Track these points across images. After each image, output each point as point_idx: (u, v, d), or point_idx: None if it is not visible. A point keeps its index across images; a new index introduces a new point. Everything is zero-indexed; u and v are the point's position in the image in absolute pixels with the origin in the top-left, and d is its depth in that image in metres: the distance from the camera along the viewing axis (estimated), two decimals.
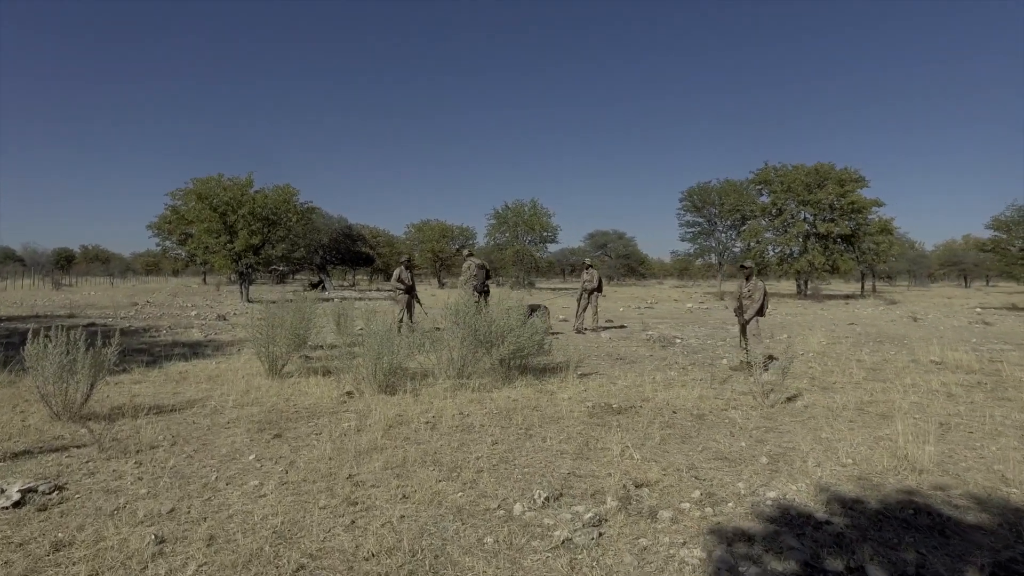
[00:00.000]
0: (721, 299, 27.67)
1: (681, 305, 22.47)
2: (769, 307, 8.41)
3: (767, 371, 6.41)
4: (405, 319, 10.22)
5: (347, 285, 46.86)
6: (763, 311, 8.13)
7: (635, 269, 61.29)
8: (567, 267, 65.13)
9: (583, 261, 13.15)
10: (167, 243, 42.59)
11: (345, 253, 38.16)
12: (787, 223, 29.35)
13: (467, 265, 10.91)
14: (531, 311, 8.88)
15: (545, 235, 40.37)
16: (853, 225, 27.43)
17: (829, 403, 5.74)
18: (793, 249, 28.77)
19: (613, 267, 56.32)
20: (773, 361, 7.40)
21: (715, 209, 35.23)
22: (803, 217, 29.28)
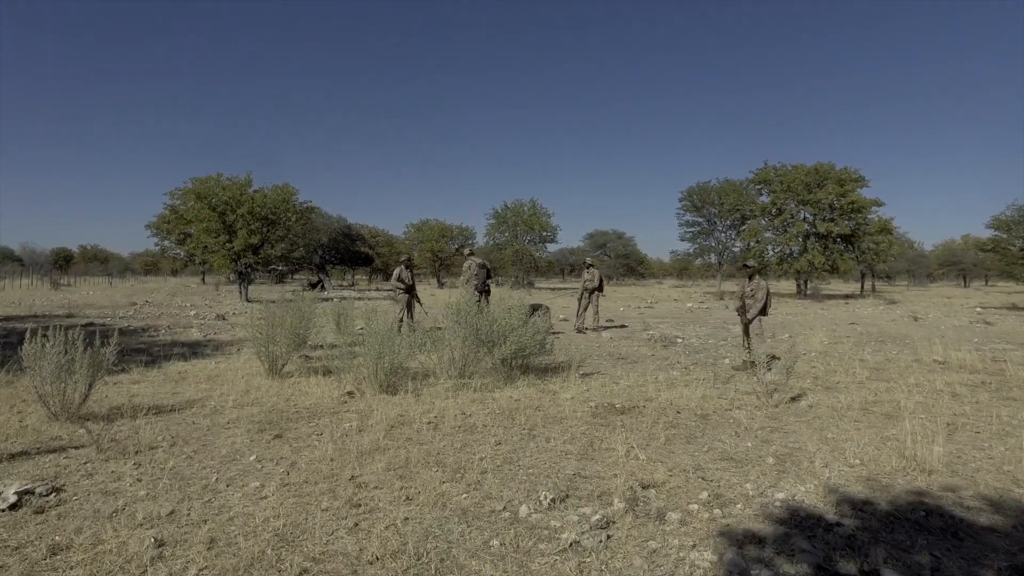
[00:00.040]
0: (721, 299, 27.63)
1: (681, 305, 22.44)
2: (772, 306, 8.36)
3: (770, 371, 6.37)
4: (405, 318, 10.16)
5: (346, 285, 46.80)
6: (766, 310, 8.08)
7: (634, 269, 61.30)
8: (566, 267, 65.10)
9: (584, 260, 13.09)
10: (166, 243, 42.55)
11: (344, 253, 38.09)
12: (787, 223, 29.35)
13: (468, 264, 10.85)
14: (533, 310, 8.83)
15: (544, 235, 40.35)
16: (853, 225, 27.42)
17: (833, 403, 5.70)
18: (793, 249, 28.76)
19: (612, 267, 56.31)
20: (776, 361, 7.35)
21: (715, 209, 35.20)
22: (803, 217, 29.28)
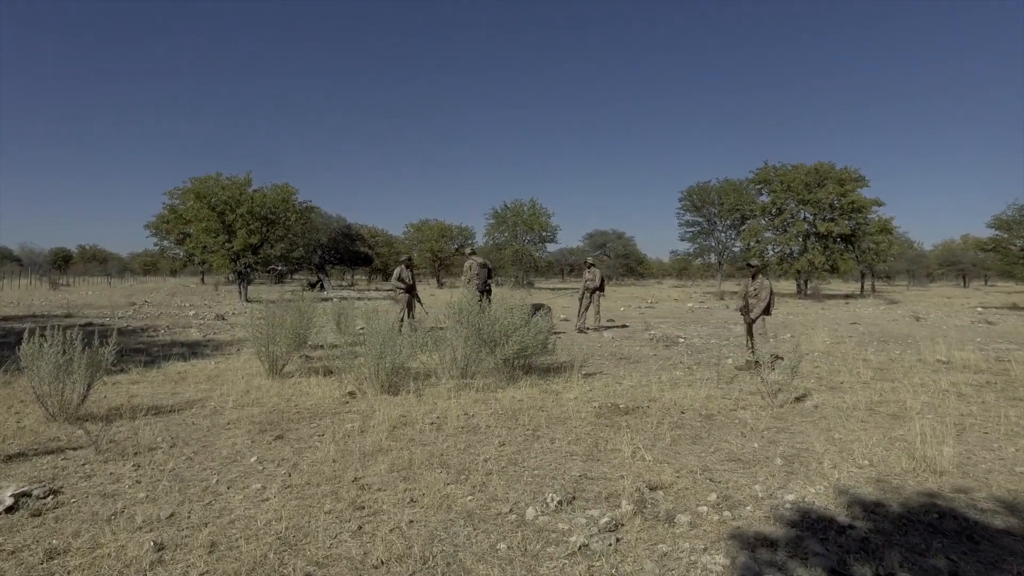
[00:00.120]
0: (721, 298, 27.60)
1: (682, 304, 22.39)
2: (774, 306, 8.32)
3: (774, 370, 6.33)
4: (406, 318, 10.10)
5: (346, 285, 46.74)
6: (769, 310, 8.04)
7: (634, 269, 61.25)
8: (566, 267, 65.06)
9: (585, 260, 13.03)
10: (165, 243, 42.46)
11: (344, 253, 38.03)
12: (787, 223, 29.31)
13: (469, 264, 10.79)
14: (535, 310, 8.78)
15: (544, 235, 40.31)
16: (853, 225, 27.39)
17: (839, 403, 5.65)
18: (793, 249, 28.72)
19: (612, 267, 56.26)
20: (779, 360, 7.31)
21: (715, 209, 35.15)
22: (803, 216, 29.24)
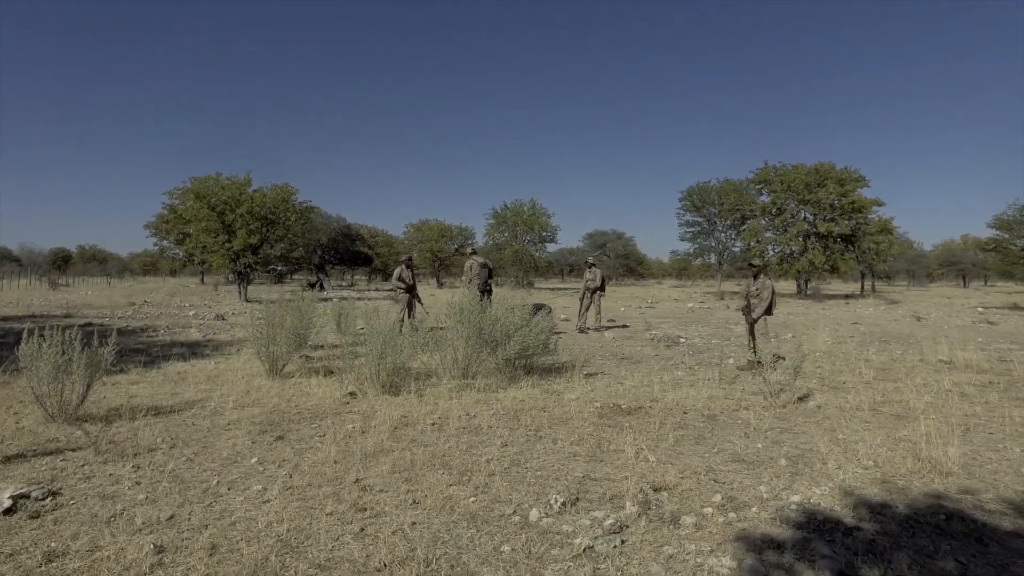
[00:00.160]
0: (721, 299, 27.58)
1: (682, 305, 22.37)
2: (776, 306, 8.29)
3: (775, 371, 6.30)
4: (406, 318, 10.07)
5: (345, 285, 46.70)
6: (771, 310, 8.01)
7: (634, 269, 61.23)
8: (566, 267, 65.03)
9: (586, 260, 12.99)
10: (165, 243, 42.41)
11: (344, 253, 38.01)
12: (787, 223, 29.29)
13: (469, 264, 10.76)
14: (536, 310, 8.75)
15: (544, 235, 40.27)
16: (853, 225, 27.37)
17: (842, 403, 5.63)
18: (793, 249, 28.70)
19: (612, 267, 56.25)
20: (781, 360, 7.28)
21: (715, 209, 35.12)
22: (803, 216, 29.22)
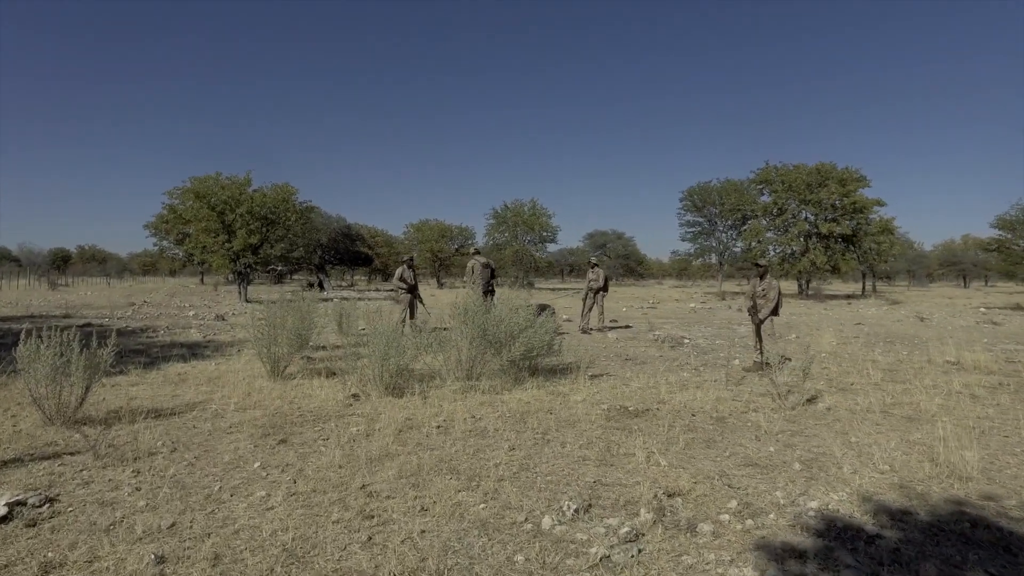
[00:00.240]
0: (723, 299, 27.51)
1: (684, 305, 22.30)
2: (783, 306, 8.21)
3: (782, 372, 6.22)
4: (407, 319, 9.98)
5: (345, 285, 46.59)
6: (777, 310, 7.93)
7: (634, 269, 61.17)
8: (566, 267, 64.95)
9: (589, 260, 12.91)
10: (164, 243, 42.32)
11: (344, 253, 37.91)
12: (788, 223, 29.22)
13: (471, 264, 10.67)
14: (540, 310, 8.67)
15: (544, 235, 40.20)
16: (854, 225, 27.30)
17: (851, 405, 5.55)
18: (794, 249, 28.63)
19: (612, 267, 56.18)
20: (787, 362, 7.20)
21: (716, 209, 35.08)
22: (804, 217, 29.14)
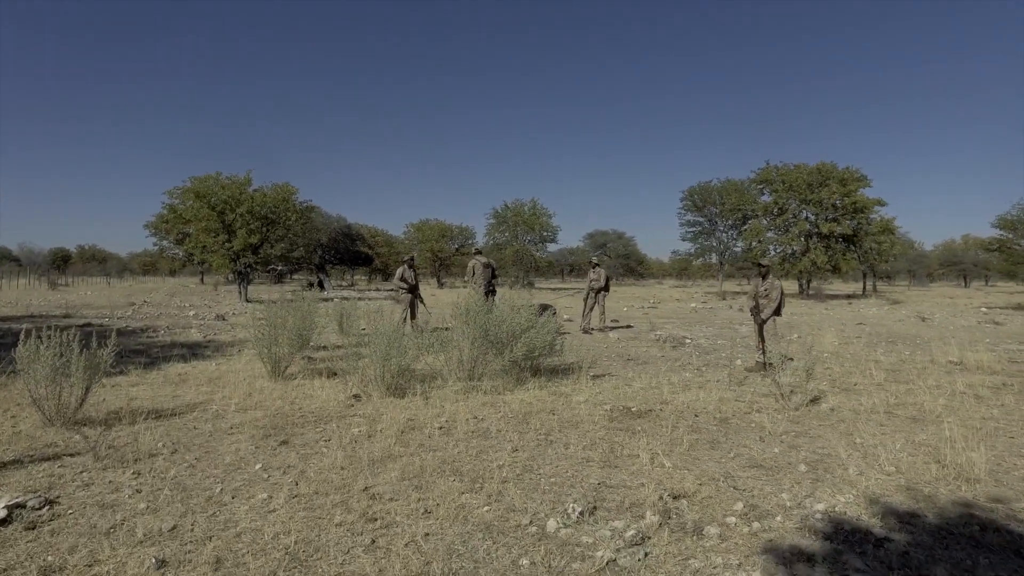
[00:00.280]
0: (723, 299, 27.47)
1: (684, 305, 22.27)
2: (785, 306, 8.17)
3: (785, 372, 6.19)
4: (408, 320, 9.95)
5: (346, 285, 46.55)
6: (780, 311, 7.90)
7: (634, 269, 61.12)
8: (566, 267, 64.90)
9: (590, 260, 12.87)
10: (164, 243, 42.31)
11: (344, 253, 37.86)
12: (789, 223, 29.18)
13: (472, 264, 10.63)
14: (542, 310, 8.65)
15: (545, 235, 40.17)
16: (855, 225, 27.26)
17: (855, 406, 5.52)
18: (795, 249, 28.59)
19: (612, 267, 56.14)
20: (789, 362, 7.17)
21: (716, 209, 35.04)
22: (805, 216, 29.10)
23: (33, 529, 2.71)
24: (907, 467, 3.74)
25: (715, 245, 35.83)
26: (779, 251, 29.16)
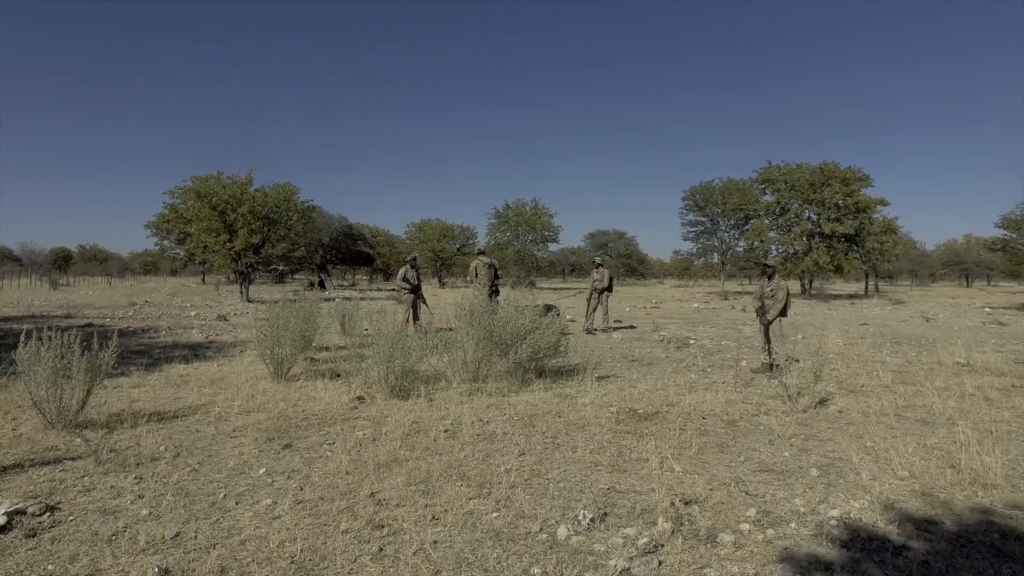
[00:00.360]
0: (725, 299, 27.40)
1: (687, 305, 22.20)
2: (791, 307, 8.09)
3: (791, 373, 6.12)
4: (411, 321, 9.88)
5: (347, 285, 46.52)
6: (786, 311, 7.83)
7: (635, 269, 61.02)
8: (567, 267, 64.81)
9: (593, 260, 12.82)
10: (165, 242, 42.32)
11: (345, 252, 37.81)
12: (791, 222, 29.08)
13: (475, 264, 10.57)
14: (546, 311, 8.58)
15: (546, 234, 40.12)
16: (857, 225, 27.15)
17: (864, 408, 5.46)
18: (797, 248, 28.50)
19: (613, 266, 55.99)
20: (795, 363, 7.10)
21: (718, 208, 34.93)
22: (807, 216, 29.00)
23: (33, 536, 2.65)
24: (921, 471, 3.68)
25: (717, 245, 35.73)
26: (781, 251, 29.07)
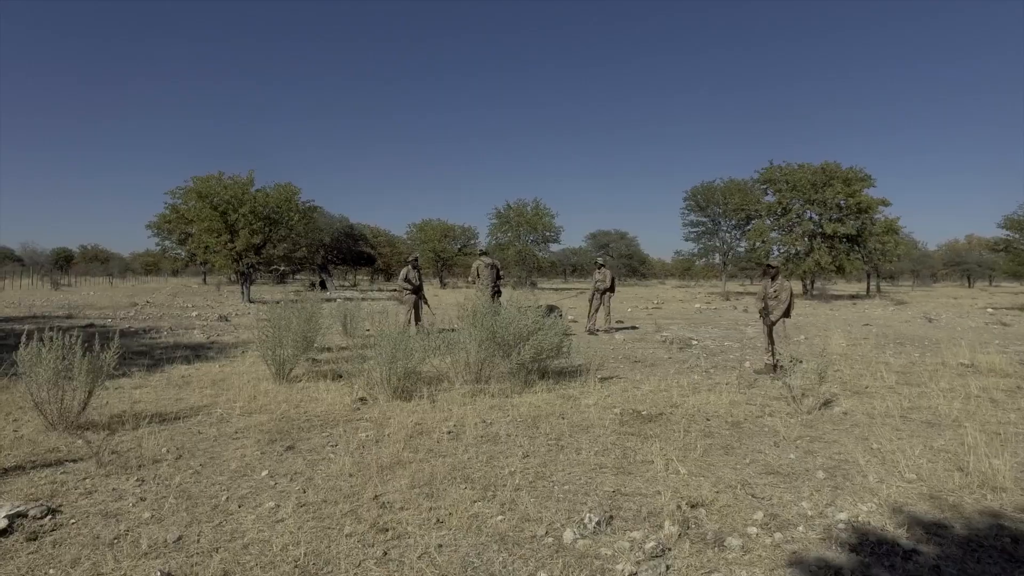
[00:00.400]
0: (727, 299, 27.36)
1: (688, 305, 22.16)
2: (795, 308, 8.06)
3: (795, 374, 6.09)
4: (413, 322, 9.85)
5: (348, 285, 46.51)
6: (789, 312, 7.80)
7: (637, 269, 60.96)
8: (568, 267, 64.77)
9: (595, 260, 12.80)
10: (167, 243, 42.32)
11: (347, 253, 37.79)
12: (793, 223, 29.02)
13: (476, 265, 10.54)
14: (549, 311, 8.56)
15: (547, 235, 40.10)
16: (859, 225, 27.09)
17: (868, 409, 5.43)
18: (799, 249, 28.44)
19: (615, 267, 55.96)
20: (798, 364, 7.07)
21: (719, 209, 34.86)
22: (809, 216, 28.94)
23: (35, 540, 2.63)
24: (928, 474, 3.65)
25: (718, 245, 35.67)
26: (783, 251, 29.02)
